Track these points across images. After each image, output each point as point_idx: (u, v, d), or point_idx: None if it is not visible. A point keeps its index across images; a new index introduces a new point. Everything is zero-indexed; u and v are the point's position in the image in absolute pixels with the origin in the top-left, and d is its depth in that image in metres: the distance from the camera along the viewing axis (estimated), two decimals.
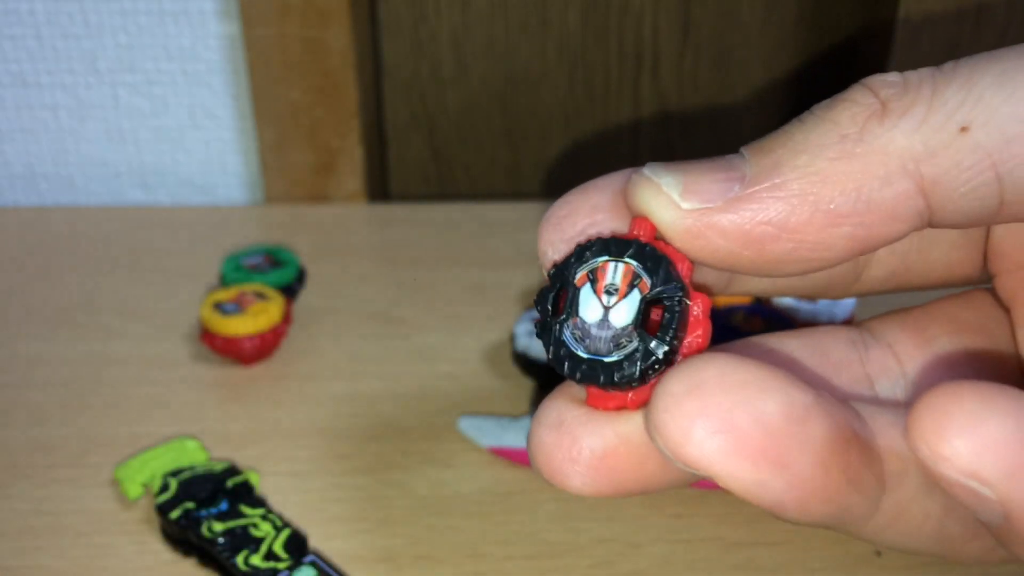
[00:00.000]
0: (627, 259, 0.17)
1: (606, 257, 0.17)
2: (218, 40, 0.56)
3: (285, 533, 0.32)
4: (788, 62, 0.60)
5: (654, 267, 0.16)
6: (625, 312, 0.17)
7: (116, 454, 0.37)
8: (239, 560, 0.31)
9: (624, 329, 0.16)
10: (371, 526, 0.34)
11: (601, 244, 0.17)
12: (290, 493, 0.35)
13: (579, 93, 0.61)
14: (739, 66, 0.60)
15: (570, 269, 0.17)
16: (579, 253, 0.17)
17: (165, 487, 0.33)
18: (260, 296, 0.42)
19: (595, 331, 0.17)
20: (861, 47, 0.58)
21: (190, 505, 0.33)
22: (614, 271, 0.17)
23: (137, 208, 0.59)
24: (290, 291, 0.45)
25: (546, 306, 0.17)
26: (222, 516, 0.32)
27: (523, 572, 0.32)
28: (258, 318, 0.41)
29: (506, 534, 0.34)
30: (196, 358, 0.43)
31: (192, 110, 0.58)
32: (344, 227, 0.55)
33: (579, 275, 0.17)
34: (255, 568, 0.31)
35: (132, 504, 0.35)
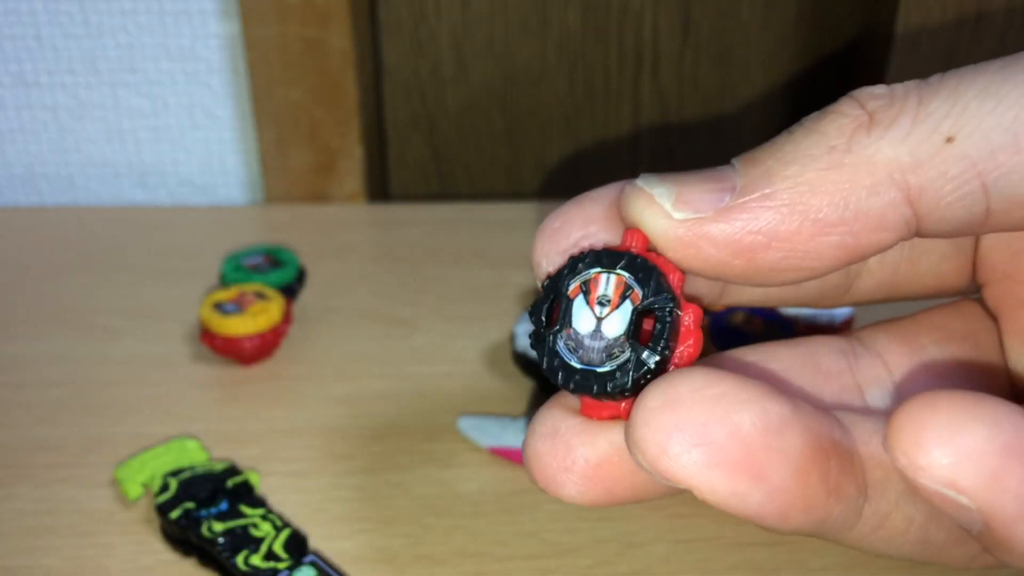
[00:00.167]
0: (619, 270, 0.17)
1: (599, 269, 0.17)
2: (218, 40, 0.56)
3: (285, 533, 0.32)
4: (788, 62, 0.60)
5: (646, 278, 0.17)
6: (617, 323, 0.17)
7: (116, 454, 0.37)
8: (239, 560, 0.31)
9: (616, 339, 0.17)
10: (371, 526, 0.34)
11: (594, 256, 0.17)
12: (290, 493, 0.35)
13: (579, 93, 0.61)
14: (739, 66, 0.60)
15: (563, 280, 0.17)
16: (572, 265, 0.17)
17: (165, 487, 0.34)
18: (260, 296, 0.43)
19: (588, 341, 0.17)
20: (861, 47, 0.58)
21: (190, 505, 0.33)
22: (606, 282, 0.17)
23: (137, 208, 0.59)
24: (290, 291, 0.45)
25: (540, 317, 0.17)
26: (222, 516, 0.33)
27: (523, 572, 0.32)
28: (258, 318, 0.41)
29: (506, 534, 0.34)
30: (196, 358, 0.43)
31: (192, 110, 0.58)
32: (344, 227, 0.55)
33: (572, 286, 0.17)
34: (255, 568, 0.31)
35: (132, 504, 0.35)
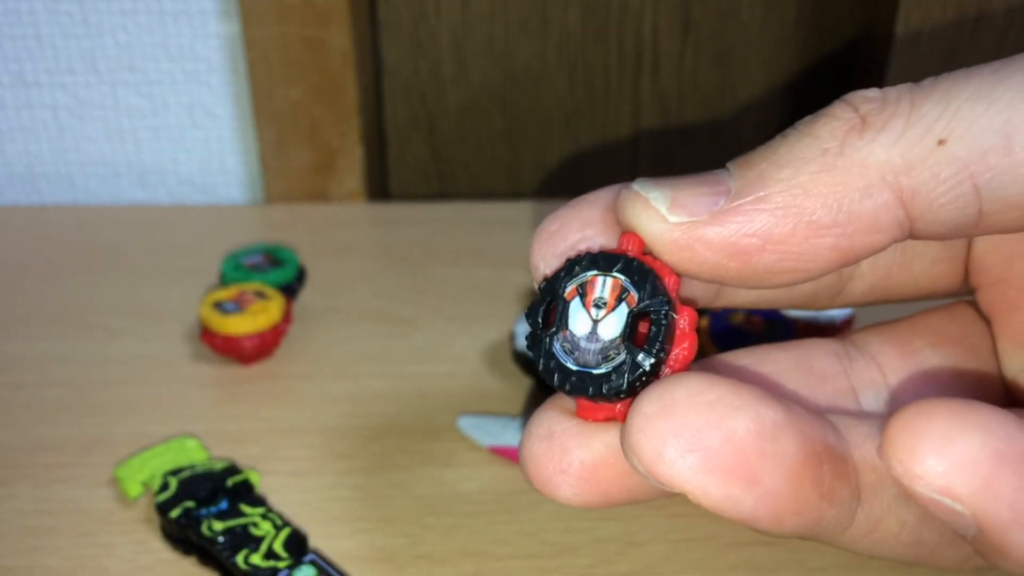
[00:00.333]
0: (615, 273, 0.17)
1: (595, 271, 0.17)
2: (218, 39, 0.56)
3: (285, 532, 0.32)
4: (788, 62, 0.60)
5: (641, 281, 0.17)
6: (613, 325, 0.17)
7: (116, 453, 0.37)
8: (239, 559, 0.31)
9: (612, 342, 0.17)
10: (371, 525, 0.34)
11: (590, 259, 0.17)
12: (290, 492, 0.35)
13: (579, 93, 0.61)
14: (739, 66, 0.60)
15: (560, 283, 0.17)
16: (569, 267, 0.17)
17: (165, 486, 0.34)
18: (260, 295, 0.43)
19: (584, 344, 0.17)
20: (861, 47, 0.58)
21: (190, 504, 0.33)
22: (603, 285, 0.17)
23: (137, 207, 0.59)
24: (290, 290, 0.45)
25: (537, 319, 0.17)
26: (222, 515, 0.33)
27: (523, 571, 0.32)
28: (258, 317, 0.41)
29: (506, 533, 0.34)
30: (196, 357, 0.43)
31: (192, 109, 0.58)
32: (344, 226, 0.55)
33: (569, 289, 0.17)
34: (255, 567, 0.31)
35: (132, 503, 0.35)
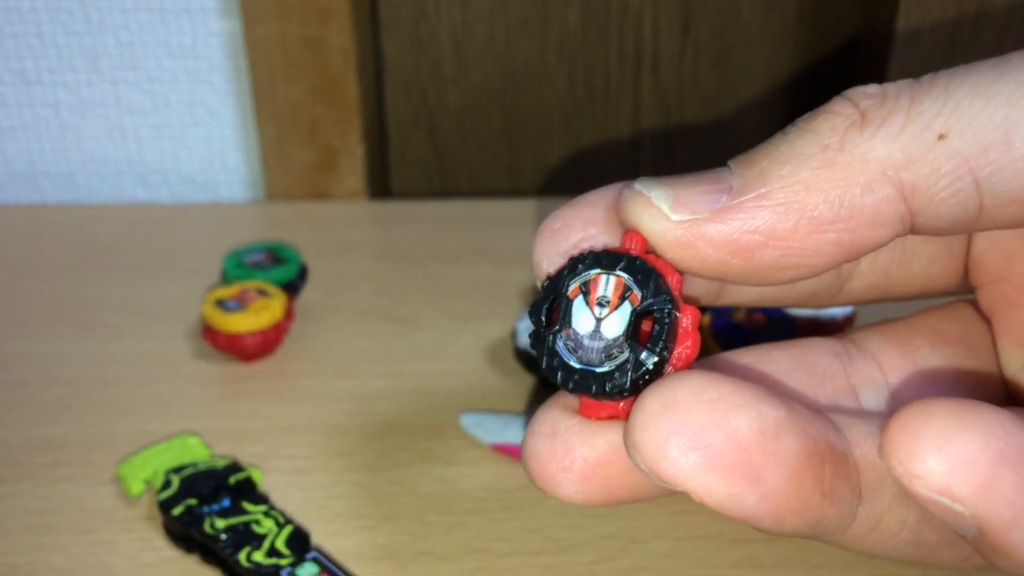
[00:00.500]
0: (618, 272, 0.17)
1: (598, 270, 0.17)
2: (219, 38, 0.56)
3: (287, 530, 0.32)
4: (788, 62, 0.60)
5: (644, 280, 0.17)
6: (616, 323, 0.17)
7: (118, 451, 0.37)
8: (241, 557, 0.31)
9: (615, 340, 0.17)
10: (373, 523, 0.34)
11: (593, 257, 0.17)
12: (292, 490, 0.35)
13: (579, 93, 0.61)
14: (739, 66, 0.60)
15: (563, 281, 0.17)
16: (572, 266, 0.17)
17: (167, 484, 0.34)
18: (262, 293, 0.43)
19: (587, 342, 0.17)
20: (861, 47, 0.58)
21: (192, 502, 0.33)
22: (606, 283, 0.17)
23: (138, 206, 0.59)
24: (292, 288, 0.45)
25: (540, 317, 0.18)
26: (224, 513, 0.33)
27: (525, 568, 0.33)
28: (260, 315, 0.41)
29: (508, 530, 0.34)
30: (198, 355, 0.43)
31: (193, 108, 0.58)
32: (345, 224, 0.56)
33: (572, 287, 0.17)
34: (258, 565, 0.31)
35: (134, 501, 0.35)
